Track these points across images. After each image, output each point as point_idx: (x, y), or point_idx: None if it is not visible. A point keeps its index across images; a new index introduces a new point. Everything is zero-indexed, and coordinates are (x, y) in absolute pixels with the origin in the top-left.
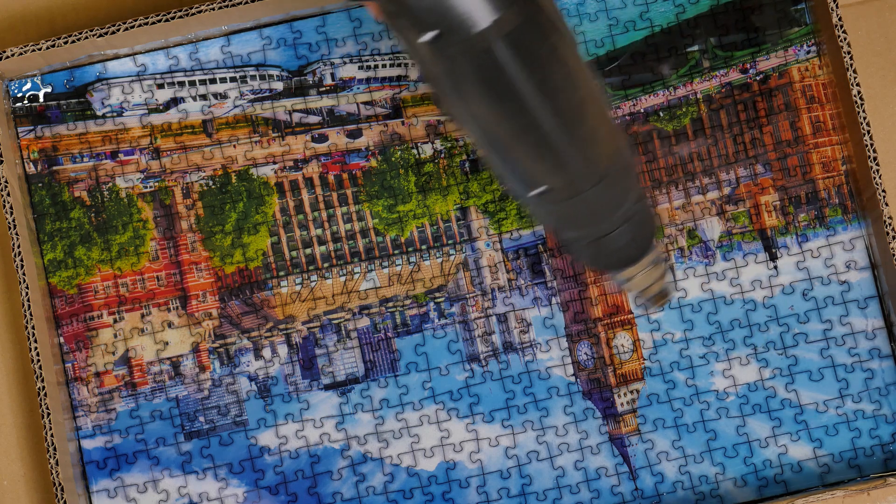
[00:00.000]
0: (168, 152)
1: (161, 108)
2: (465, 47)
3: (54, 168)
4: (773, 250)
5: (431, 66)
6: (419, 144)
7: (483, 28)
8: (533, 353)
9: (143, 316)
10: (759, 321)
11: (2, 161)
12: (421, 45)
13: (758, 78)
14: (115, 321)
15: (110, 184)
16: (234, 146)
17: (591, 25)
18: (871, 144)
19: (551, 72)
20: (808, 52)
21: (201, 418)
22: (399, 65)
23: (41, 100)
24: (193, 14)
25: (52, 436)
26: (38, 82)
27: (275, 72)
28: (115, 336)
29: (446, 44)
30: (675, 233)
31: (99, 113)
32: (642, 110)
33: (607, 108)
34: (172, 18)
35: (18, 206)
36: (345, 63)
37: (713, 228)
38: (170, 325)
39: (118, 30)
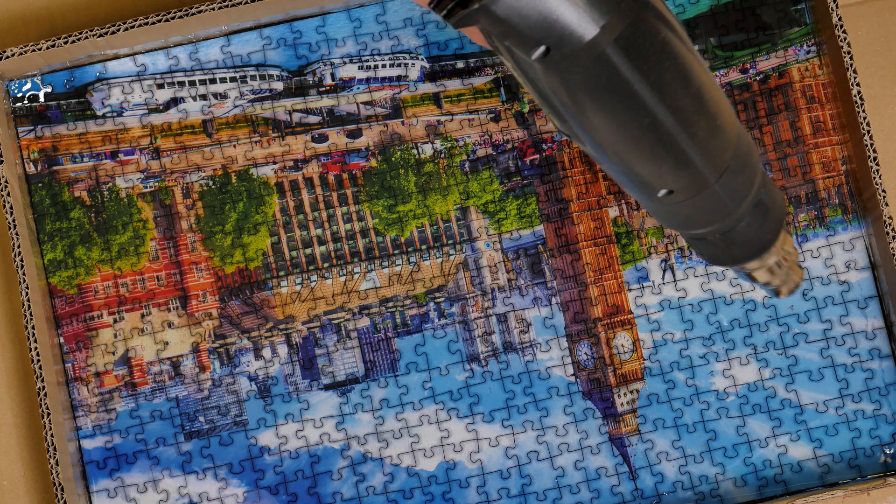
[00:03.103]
0: (168, 152)
1: (161, 108)
2: (576, 58)
3: (54, 168)
4: None
5: (544, 83)
6: (419, 144)
7: (592, 36)
8: (533, 353)
9: (143, 316)
10: (759, 321)
11: (2, 161)
12: (531, 62)
13: (758, 78)
14: (115, 321)
15: (110, 184)
16: (234, 146)
17: None
18: (871, 144)
19: (666, 68)
20: (808, 52)
21: (201, 418)
22: (399, 65)
23: (41, 100)
24: (193, 14)
25: (52, 436)
26: (38, 82)
27: (275, 72)
28: (115, 336)
29: (557, 58)
30: (675, 233)
31: (99, 113)
32: None
33: (721, 93)
34: (172, 18)
35: (18, 206)
36: (345, 63)
37: None
38: (170, 325)
39: (118, 30)
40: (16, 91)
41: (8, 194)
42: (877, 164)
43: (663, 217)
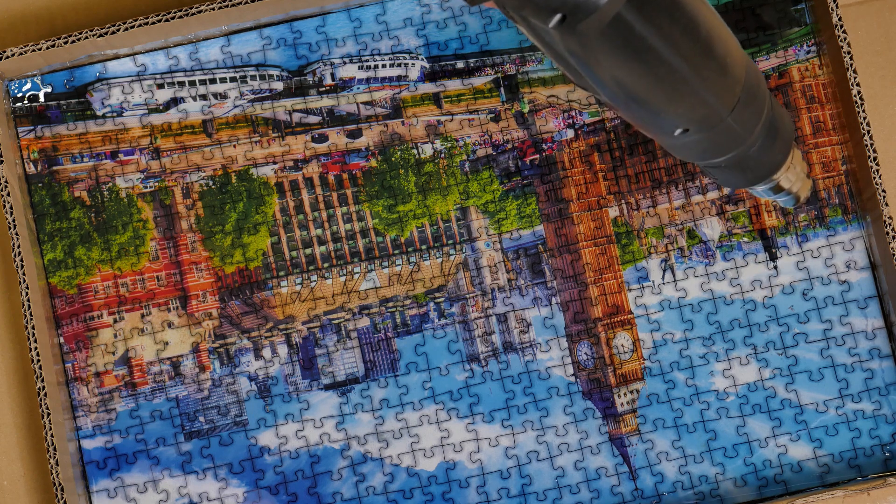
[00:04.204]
0: (168, 152)
1: (161, 108)
2: (592, 22)
3: (54, 168)
4: (773, 250)
5: (561, 47)
6: (419, 144)
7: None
8: (533, 353)
9: (143, 316)
10: (759, 321)
11: (2, 161)
12: (549, 29)
13: None
14: (115, 321)
15: (110, 184)
16: (234, 146)
17: None
18: (871, 144)
19: (677, 18)
20: (808, 52)
21: (201, 418)
22: (399, 65)
23: (41, 100)
24: (193, 14)
25: (52, 436)
26: (38, 82)
27: (275, 72)
28: (115, 336)
29: (573, 23)
30: (675, 233)
31: (99, 113)
32: None
33: (727, 30)
34: (172, 18)
35: (18, 206)
36: (345, 63)
37: (713, 228)
38: (170, 325)
39: (118, 30)
40: (16, 91)
41: (8, 194)
42: (877, 164)
43: (680, 151)
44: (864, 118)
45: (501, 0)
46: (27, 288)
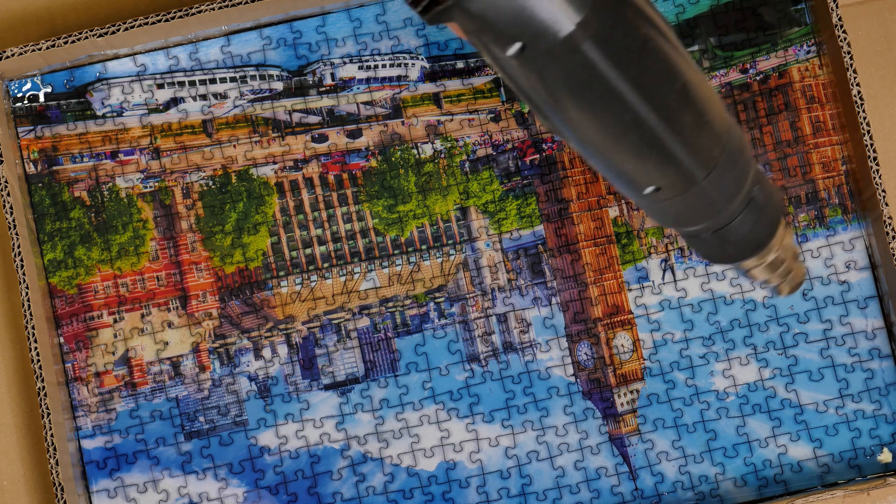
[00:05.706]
0: (168, 152)
1: (161, 108)
2: (552, 55)
3: (54, 168)
4: None
5: (522, 79)
6: (419, 144)
7: (568, 32)
8: (533, 353)
9: (143, 316)
10: (759, 321)
11: (2, 161)
12: (507, 58)
13: (758, 78)
14: (115, 321)
15: (110, 184)
16: (234, 146)
17: None
18: (871, 144)
19: (647, 65)
20: (808, 52)
21: (201, 418)
22: (399, 65)
23: (41, 100)
24: (193, 14)
25: (52, 436)
26: (38, 82)
27: (275, 72)
28: (115, 336)
29: (533, 54)
30: (675, 233)
31: (99, 113)
32: None
33: (711, 90)
34: (172, 18)
35: (18, 206)
36: (345, 63)
37: None
38: (170, 325)
39: (118, 30)
40: (16, 91)
41: (8, 194)
42: (877, 164)
43: (654, 214)
44: (864, 118)
45: (463, 25)
46: (27, 288)
